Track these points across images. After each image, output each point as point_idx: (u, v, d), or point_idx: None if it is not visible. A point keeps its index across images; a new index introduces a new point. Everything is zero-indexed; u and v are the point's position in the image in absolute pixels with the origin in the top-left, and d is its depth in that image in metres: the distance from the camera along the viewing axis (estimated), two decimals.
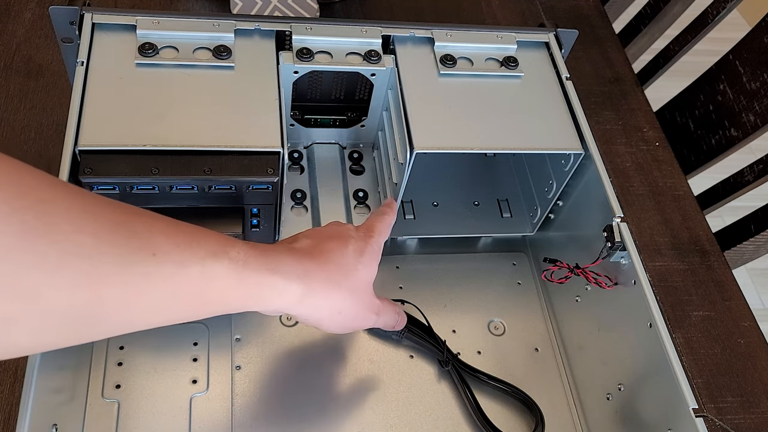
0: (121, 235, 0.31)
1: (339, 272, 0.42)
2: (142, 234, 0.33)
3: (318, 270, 0.41)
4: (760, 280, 1.57)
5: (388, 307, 0.49)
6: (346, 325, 0.45)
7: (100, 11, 0.52)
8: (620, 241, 0.48)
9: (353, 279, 0.43)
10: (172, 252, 0.33)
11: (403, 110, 0.52)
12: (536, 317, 0.60)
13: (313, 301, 0.41)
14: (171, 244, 0.34)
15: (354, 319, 0.45)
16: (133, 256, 0.32)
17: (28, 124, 0.65)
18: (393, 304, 0.51)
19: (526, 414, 0.54)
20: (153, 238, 0.33)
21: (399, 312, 0.51)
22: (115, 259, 0.31)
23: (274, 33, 0.54)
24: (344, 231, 0.46)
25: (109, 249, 0.31)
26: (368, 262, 0.45)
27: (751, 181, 0.79)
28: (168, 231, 0.34)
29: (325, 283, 0.41)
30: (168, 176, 0.45)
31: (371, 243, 0.46)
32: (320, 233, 0.45)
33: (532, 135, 0.52)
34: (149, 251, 0.32)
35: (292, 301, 0.40)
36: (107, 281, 0.31)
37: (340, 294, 0.42)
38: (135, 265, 0.32)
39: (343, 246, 0.44)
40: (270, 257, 0.39)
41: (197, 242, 0.35)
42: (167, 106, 0.48)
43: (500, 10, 0.87)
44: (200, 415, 0.50)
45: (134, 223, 0.33)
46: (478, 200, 0.64)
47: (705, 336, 0.62)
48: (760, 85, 0.77)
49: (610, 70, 0.83)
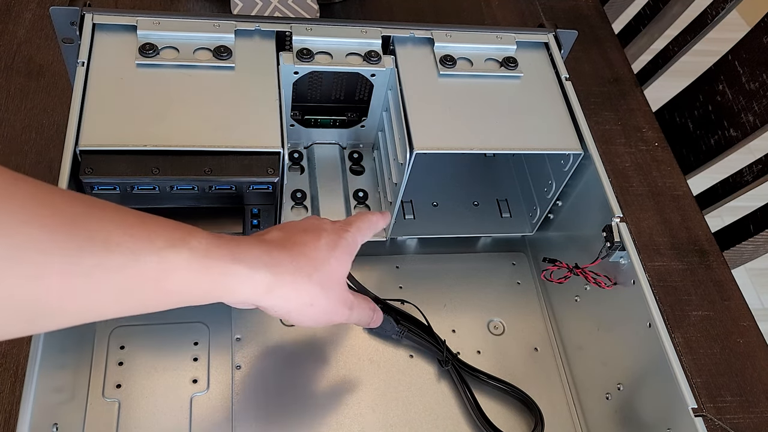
0: (74, 227, 0.32)
1: (309, 264, 0.42)
2: (95, 225, 0.33)
3: (287, 260, 0.41)
4: (759, 280, 1.57)
5: (362, 302, 0.48)
6: (318, 318, 0.44)
7: (101, 12, 0.52)
8: (619, 241, 0.48)
9: (324, 272, 0.42)
10: (125, 242, 0.33)
11: (402, 110, 0.52)
12: (536, 317, 0.60)
13: (282, 292, 0.40)
14: (125, 235, 0.33)
15: (325, 312, 0.44)
16: (84, 247, 0.32)
17: (29, 125, 0.65)
18: (367, 299, 0.50)
19: (526, 413, 0.54)
20: (106, 229, 0.33)
21: (374, 308, 0.50)
22: (66, 251, 0.31)
23: (274, 33, 0.54)
24: (319, 224, 0.45)
25: (61, 241, 0.31)
26: (341, 256, 0.44)
27: (750, 181, 0.79)
28: (125, 222, 0.34)
29: (295, 274, 0.41)
30: (168, 176, 0.45)
31: (345, 237, 0.45)
32: (294, 226, 0.44)
33: (531, 135, 0.53)
34: (101, 242, 0.32)
35: (259, 291, 0.39)
36: (59, 273, 0.31)
37: (311, 286, 0.42)
38: (86, 257, 0.32)
39: (316, 238, 0.43)
40: (234, 247, 0.38)
41: (155, 232, 0.35)
42: (168, 107, 0.48)
43: (500, 11, 0.87)
44: (200, 415, 0.50)
45: (91, 216, 0.33)
46: (477, 200, 0.64)
47: (704, 336, 0.62)
48: (759, 86, 0.77)
49: (609, 70, 0.84)
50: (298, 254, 0.41)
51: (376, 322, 0.52)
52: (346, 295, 0.46)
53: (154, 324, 0.54)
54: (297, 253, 0.41)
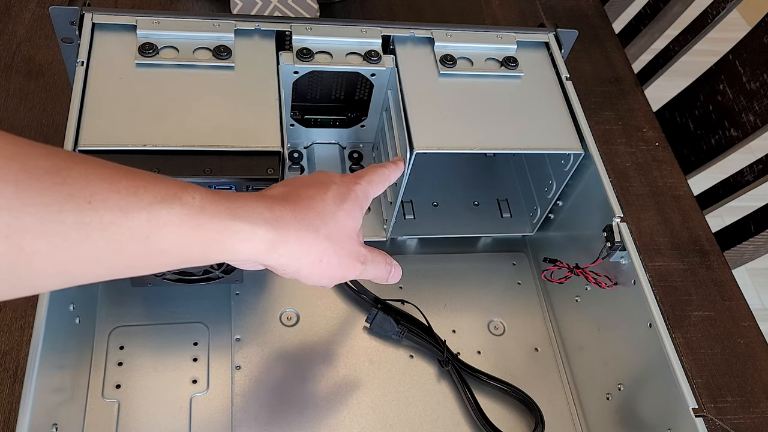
0: (50, 182, 0.29)
1: (317, 218, 0.39)
2: (77, 180, 0.30)
3: (291, 215, 0.38)
4: (759, 280, 1.57)
5: (378, 257, 0.45)
6: (329, 274, 0.42)
7: (101, 11, 0.52)
8: (620, 241, 0.48)
9: (332, 226, 0.40)
10: (111, 198, 0.31)
11: (403, 110, 0.52)
12: (536, 317, 0.60)
13: (287, 249, 0.38)
14: (111, 191, 0.31)
15: (338, 267, 0.41)
16: (64, 204, 0.29)
17: (28, 124, 0.65)
18: (383, 254, 0.46)
19: (526, 414, 0.54)
20: (90, 184, 0.30)
21: (390, 262, 0.47)
22: (41, 208, 0.29)
23: (274, 33, 0.54)
24: (327, 177, 0.43)
25: (35, 198, 0.29)
26: (350, 209, 0.42)
27: (750, 181, 0.79)
28: (111, 176, 0.32)
29: (300, 229, 0.38)
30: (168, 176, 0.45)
31: (355, 189, 0.43)
32: (300, 180, 0.42)
33: (531, 135, 0.52)
34: (84, 199, 0.30)
35: (262, 248, 0.37)
36: (33, 232, 0.29)
37: (318, 240, 0.39)
38: (65, 214, 0.29)
39: (323, 191, 0.41)
40: (233, 202, 0.36)
41: (143, 187, 0.32)
42: (167, 106, 0.48)
43: (500, 10, 0.87)
44: (200, 415, 0.50)
45: (71, 170, 0.30)
46: (478, 200, 0.64)
47: (705, 336, 0.62)
48: (759, 85, 0.77)
49: (610, 70, 0.83)
50: (304, 208, 0.39)
51: (395, 277, 0.48)
52: (358, 249, 0.43)
53: (153, 324, 0.54)
54: (302, 207, 0.39)
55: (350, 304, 0.58)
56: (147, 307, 0.54)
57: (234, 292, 0.56)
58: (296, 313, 0.56)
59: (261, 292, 0.57)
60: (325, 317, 0.57)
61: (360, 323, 0.57)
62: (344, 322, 0.57)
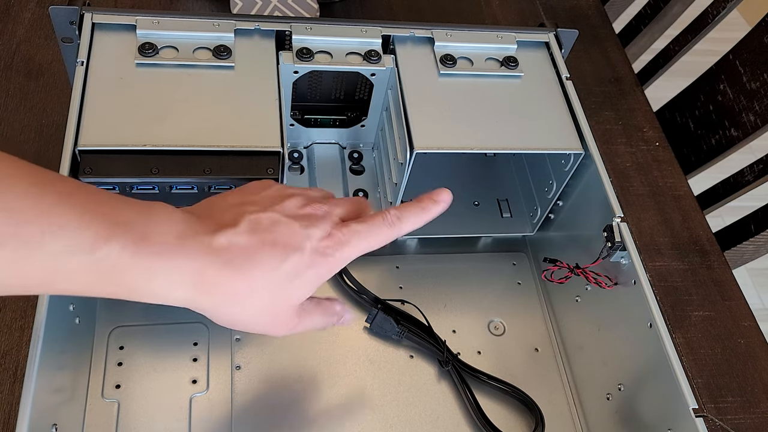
0: None
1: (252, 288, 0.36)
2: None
3: (216, 279, 0.35)
4: (759, 280, 1.57)
5: (310, 317, 0.41)
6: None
7: (100, 11, 0.52)
8: (620, 241, 0.48)
9: (271, 299, 0.36)
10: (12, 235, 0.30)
11: (403, 110, 0.52)
12: (536, 317, 0.60)
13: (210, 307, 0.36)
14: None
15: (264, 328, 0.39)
16: None
17: (28, 124, 0.65)
18: (319, 307, 0.42)
19: (526, 414, 0.54)
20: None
21: (333, 314, 0.43)
22: None
23: (274, 33, 0.54)
24: (299, 236, 0.36)
25: None
26: (309, 281, 0.37)
27: (751, 181, 0.79)
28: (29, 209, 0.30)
29: (225, 296, 0.35)
30: (168, 176, 0.45)
31: (327, 261, 0.37)
32: (262, 228, 0.36)
33: (532, 135, 0.52)
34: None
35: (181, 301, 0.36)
36: None
37: (243, 310, 0.36)
38: None
39: (280, 260, 0.35)
40: (156, 262, 0.33)
41: (54, 233, 0.30)
42: (167, 106, 0.48)
43: (500, 10, 0.87)
44: (200, 415, 0.50)
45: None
46: (478, 200, 0.64)
47: (705, 336, 0.62)
48: (760, 85, 0.77)
49: (610, 70, 0.83)
50: (243, 276, 0.35)
51: (346, 321, 0.45)
52: (288, 321, 0.40)
53: (153, 324, 0.54)
54: (243, 275, 0.35)
55: (350, 304, 0.58)
56: (147, 307, 0.54)
57: None
58: None
59: None
60: None
61: (360, 323, 0.57)
62: None
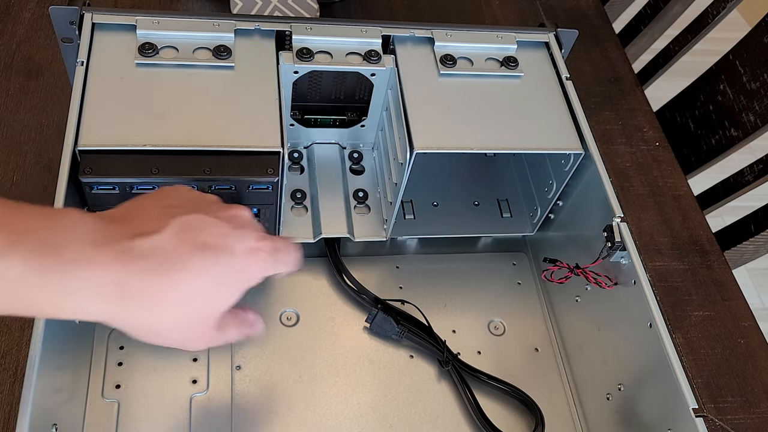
0: None
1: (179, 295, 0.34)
2: None
3: (139, 287, 0.33)
4: (759, 280, 1.57)
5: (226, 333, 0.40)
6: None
7: (100, 11, 0.52)
8: (620, 241, 0.48)
9: (196, 306, 0.35)
10: None
11: (403, 110, 0.52)
12: (536, 317, 0.60)
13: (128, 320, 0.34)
14: None
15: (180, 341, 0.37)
16: None
17: (28, 124, 0.65)
18: (235, 319, 0.41)
19: (526, 414, 0.54)
20: None
21: (244, 330, 0.42)
22: None
23: (274, 33, 0.54)
24: (231, 237, 0.35)
25: None
26: (238, 286, 0.36)
27: (751, 181, 0.79)
28: None
29: (148, 302, 0.33)
30: (168, 176, 0.45)
31: (263, 267, 0.37)
32: (191, 230, 0.34)
33: (531, 135, 0.52)
34: None
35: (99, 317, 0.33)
36: None
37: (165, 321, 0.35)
38: None
39: (212, 263, 0.34)
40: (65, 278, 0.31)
41: None
42: (167, 106, 0.48)
43: (500, 10, 0.87)
44: (200, 415, 0.50)
45: None
46: (478, 200, 0.64)
47: (705, 336, 0.62)
48: (759, 85, 0.77)
49: (610, 70, 0.83)
50: (168, 285, 0.33)
51: (254, 331, 0.43)
52: (205, 335, 0.38)
53: None
54: (166, 284, 0.33)
55: (350, 304, 0.58)
56: None
57: None
58: (296, 313, 0.56)
59: (261, 291, 0.57)
60: (325, 317, 0.57)
61: (360, 323, 0.57)
62: (344, 322, 0.57)
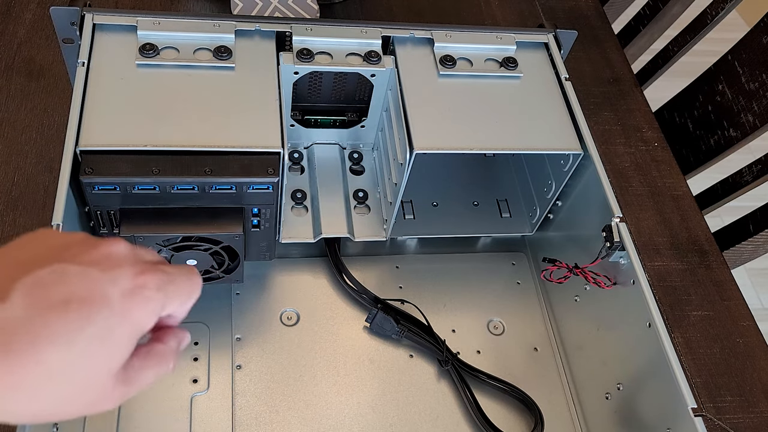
0: None
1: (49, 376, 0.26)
2: None
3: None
4: (758, 279, 1.57)
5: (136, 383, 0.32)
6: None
7: (101, 12, 0.52)
8: (619, 241, 0.48)
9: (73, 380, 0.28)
10: None
11: (402, 111, 0.52)
12: (535, 317, 0.60)
13: None
14: None
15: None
16: None
17: (29, 125, 0.66)
18: (150, 356, 0.34)
19: (526, 413, 0.54)
20: None
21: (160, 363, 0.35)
22: None
23: (274, 34, 0.54)
24: (100, 283, 0.29)
25: None
26: (127, 336, 0.29)
27: (749, 182, 0.79)
28: None
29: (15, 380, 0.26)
30: (168, 176, 0.45)
31: (152, 306, 0.31)
32: (44, 289, 0.27)
33: (531, 135, 0.53)
34: None
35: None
36: None
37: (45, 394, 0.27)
38: None
39: (81, 324, 0.27)
40: None
41: None
42: (168, 107, 0.48)
43: (500, 11, 0.87)
44: (201, 415, 0.50)
45: None
46: (477, 200, 0.64)
47: (704, 336, 0.62)
48: (758, 86, 0.77)
49: (609, 70, 0.84)
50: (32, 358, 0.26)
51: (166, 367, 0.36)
52: (105, 390, 0.30)
53: None
54: (29, 358, 0.26)
55: (350, 304, 0.58)
56: None
57: (234, 291, 0.57)
58: (296, 313, 0.57)
59: (261, 291, 0.57)
60: (325, 317, 0.57)
61: (360, 323, 0.57)
62: (344, 321, 0.57)
